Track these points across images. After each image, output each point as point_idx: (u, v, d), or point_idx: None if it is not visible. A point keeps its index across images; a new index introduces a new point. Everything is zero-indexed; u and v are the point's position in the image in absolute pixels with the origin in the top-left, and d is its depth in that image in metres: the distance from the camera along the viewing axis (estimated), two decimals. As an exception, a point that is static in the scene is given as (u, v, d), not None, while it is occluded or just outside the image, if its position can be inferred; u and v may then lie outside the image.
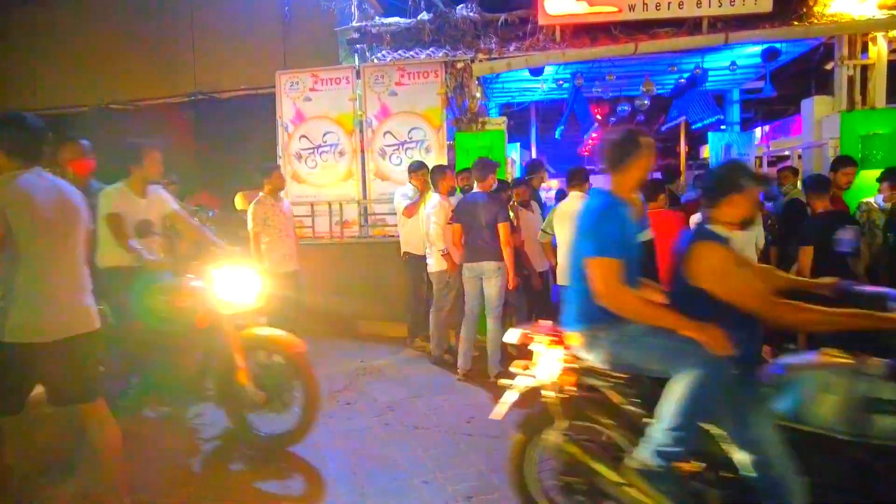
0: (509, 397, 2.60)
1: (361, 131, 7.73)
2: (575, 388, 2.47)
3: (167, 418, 3.92)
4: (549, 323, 2.69)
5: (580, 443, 2.49)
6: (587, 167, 5.89)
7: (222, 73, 9.60)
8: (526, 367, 2.59)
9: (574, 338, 2.50)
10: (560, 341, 2.55)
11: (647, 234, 3.49)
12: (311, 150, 7.89)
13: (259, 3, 9.20)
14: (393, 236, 6.73)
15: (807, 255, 4.33)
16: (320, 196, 7.78)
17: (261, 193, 5.48)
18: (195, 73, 9.74)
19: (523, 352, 2.66)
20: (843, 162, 5.36)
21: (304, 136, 7.90)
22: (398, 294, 6.45)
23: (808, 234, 4.45)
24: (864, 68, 6.71)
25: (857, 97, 6.73)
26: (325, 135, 7.85)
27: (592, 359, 2.47)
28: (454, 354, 5.56)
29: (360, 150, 7.75)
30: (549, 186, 11.73)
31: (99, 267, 3.64)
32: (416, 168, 5.97)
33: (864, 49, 6.67)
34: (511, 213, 5.41)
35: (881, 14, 6.50)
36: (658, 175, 8.04)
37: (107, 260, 3.71)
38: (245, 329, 3.56)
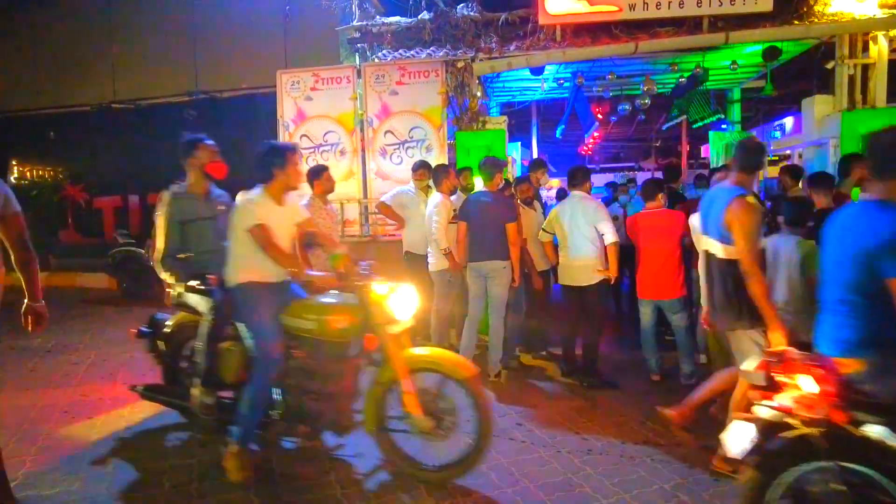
0: (748, 431, 2.20)
1: (362, 130, 7.74)
2: (845, 425, 2.09)
3: (309, 450, 3.57)
4: (795, 351, 2.31)
5: (850, 485, 2.07)
6: (588, 167, 5.89)
7: (223, 72, 9.64)
8: (767, 397, 2.22)
9: (850, 365, 2.18)
10: (822, 370, 2.16)
11: None
12: (312, 150, 7.90)
13: (260, 3, 9.23)
14: (392, 235, 6.74)
15: None
16: (321, 195, 7.80)
17: (309, 195, 5.12)
18: (196, 72, 9.77)
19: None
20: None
21: (304, 136, 7.91)
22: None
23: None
24: (865, 67, 6.72)
25: (858, 96, 6.74)
26: (325, 134, 7.87)
27: (878, 391, 2.12)
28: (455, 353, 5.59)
29: (361, 150, 7.77)
30: (550, 186, 11.72)
31: (231, 284, 3.34)
32: (417, 167, 5.98)
33: (865, 48, 6.67)
34: None
35: (882, 13, 6.50)
36: (658, 174, 8.04)
37: (243, 275, 3.30)
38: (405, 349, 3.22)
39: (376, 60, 7.89)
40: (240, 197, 3.43)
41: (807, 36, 6.85)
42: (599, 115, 10.86)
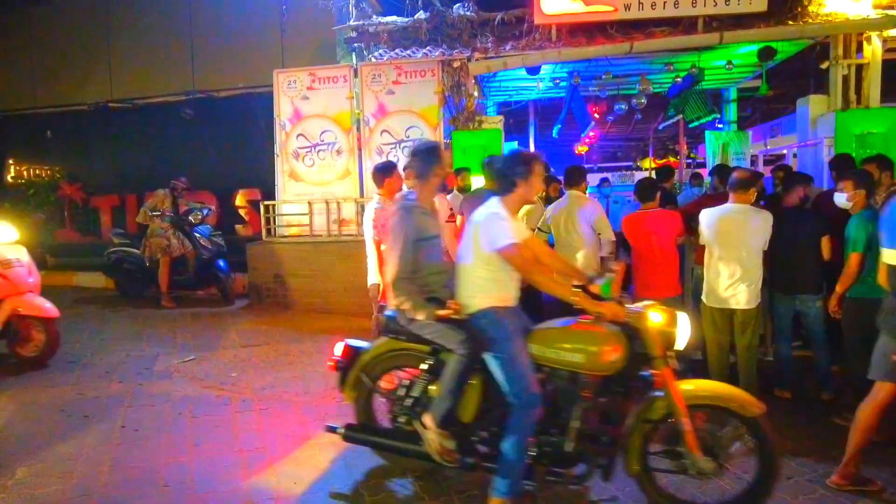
0: None
1: (359, 130, 7.76)
2: None
3: (571, 495, 3.19)
4: None
5: None
6: (586, 166, 5.92)
7: (220, 71, 9.64)
8: None
9: None
10: None
11: None
12: (309, 149, 7.92)
13: (257, 3, 9.23)
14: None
15: None
16: (318, 194, 7.83)
17: (376, 196, 4.78)
18: (193, 71, 9.78)
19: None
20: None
21: (301, 135, 7.93)
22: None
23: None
24: (859, 67, 6.75)
25: (852, 96, 6.77)
26: (322, 133, 7.89)
27: None
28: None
29: (358, 149, 7.79)
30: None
31: (471, 310, 2.95)
32: (406, 166, 5.99)
33: (859, 48, 6.70)
34: None
35: (875, 14, 6.54)
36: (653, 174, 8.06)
37: (485, 300, 2.95)
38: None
39: (373, 60, 7.91)
40: (480, 211, 3.01)
41: (801, 36, 6.88)
42: (596, 115, 10.88)
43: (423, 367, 3.12)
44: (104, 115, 10.21)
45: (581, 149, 15.75)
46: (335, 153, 7.87)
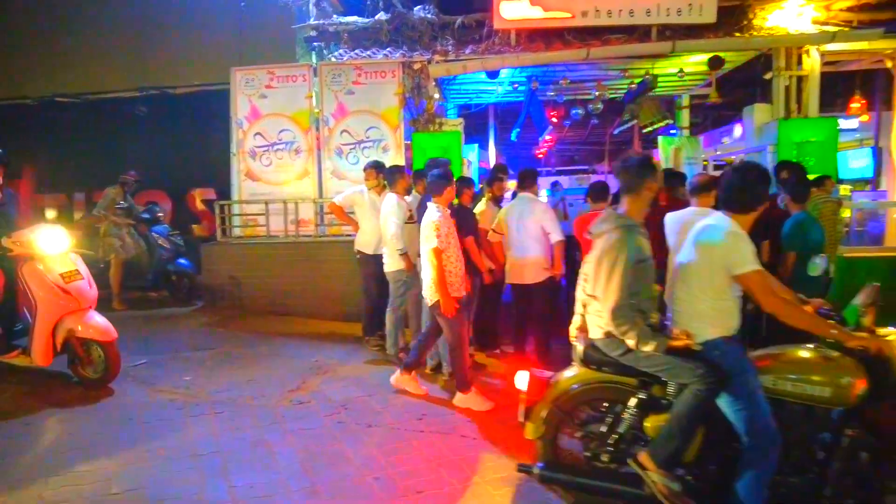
0: None
1: (318, 129, 7.70)
2: None
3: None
4: None
5: None
6: (539, 168, 6.04)
7: (175, 67, 9.41)
8: None
9: None
10: None
11: None
12: (267, 148, 7.81)
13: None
14: (348, 235, 6.73)
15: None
16: (276, 194, 7.72)
17: (436, 205, 4.50)
18: (145, 67, 9.51)
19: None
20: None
21: (259, 134, 7.82)
22: (354, 293, 6.47)
23: None
24: (800, 79, 7.09)
25: (794, 106, 7.10)
26: (280, 132, 7.80)
27: None
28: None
29: (317, 149, 7.73)
30: (507, 188, 11.86)
31: (700, 340, 2.71)
32: (368, 167, 6.00)
33: (800, 61, 7.04)
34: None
35: (814, 29, 6.88)
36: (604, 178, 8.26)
37: (715, 329, 2.73)
38: None
39: (333, 60, 7.86)
40: (705, 229, 2.73)
41: (747, 47, 7.19)
42: (554, 119, 11.08)
43: (633, 401, 2.83)
44: (51, 110, 9.82)
45: (540, 152, 16.00)
46: (293, 153, 7.78)
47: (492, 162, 13.39)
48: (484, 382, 5.03)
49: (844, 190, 10.55)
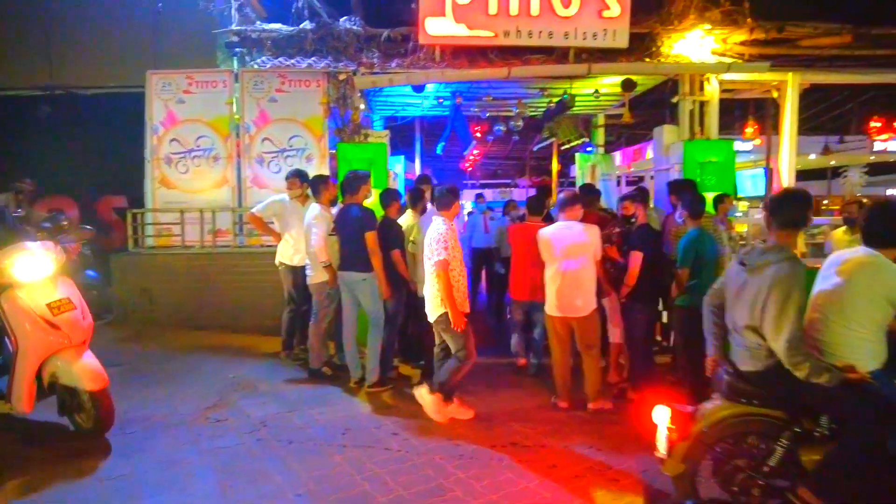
0: None
1: (238, 136, 7.49)
2: None
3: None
4: None
5: None
6: (465, 181, 6.16)
7: (85, 67, 8.88)
8: None
9: None
10: None
11: None
12: (183, 155, 7.51)
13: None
14: (268, 246, 6.57)
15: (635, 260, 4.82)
16: (192, 203, 7.43)
17: (443, 219, 4.46)
18: (51, 65, 8.90)
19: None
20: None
21: (175, 140, 7.51)
22: (274, 306, 6.31)
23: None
24: (702, 104, 7.66)
25: (697, 128, 7.65)
26: (198, 139, 7.53)
27: None
28: (333, 367, 5.55)
29: (237, 156, 7.51)
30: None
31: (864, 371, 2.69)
32: (290, 175, 5.92)
33: (702, 87, 7.61)
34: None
35: (713, 59, 7.48)
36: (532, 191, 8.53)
37: (874, 363, 2.75)
38: None
39: (255, 67, 7.67)
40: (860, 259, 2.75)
41: (655, 72, 7.69)
42: (478, 134, 11.33)
43: (786, 434, 2.78)
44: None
45: (466, 165, 16.31)
46: (212, 160, 7.52)
47: (418, 174, 13.50)
48: (408, 394, 5.05)
49: (742, 206, 11.49)
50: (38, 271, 3.83)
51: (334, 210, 5.49)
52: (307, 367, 5.53)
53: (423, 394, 4.44)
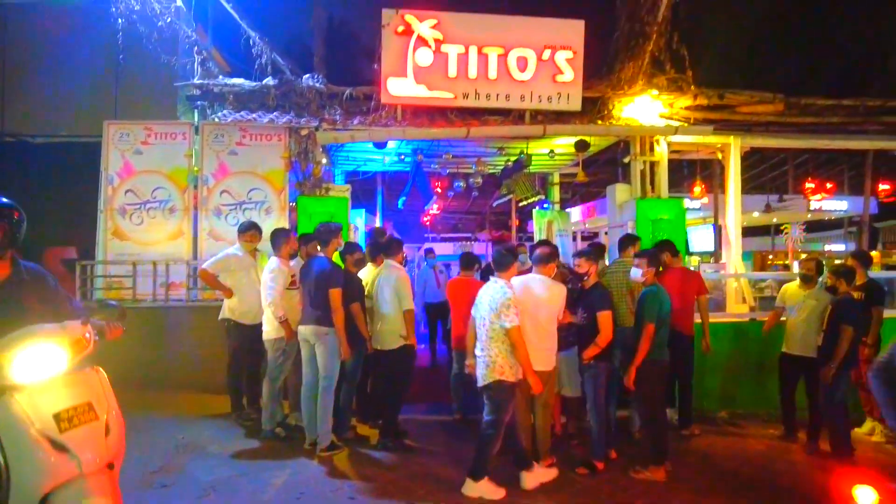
0: None
1: (196, 188, 7.41)
2: None
3: None
4: None
5: None
6: (425, 235, 6.24)
7: (37, 115, 8.74)
8: None
9: None
10: None
11: None
12: (138, 206, 7.37)
13: (89, 48, 8.61)
14: (223, 300, 6.40)
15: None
16: (145, 255, 7.23)
17: (505, 282, 4.33)
18: (3, 112, 8.73)
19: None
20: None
21: (130, 191, 7.38)
22: (225, 364, 6.09)
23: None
24: (652, 164, 8.04)
25: (648, 187, 7.99)
26: (154, 190, 7.41)
27: None
28: (286, 428, 5.34)
29: (194, 208, 7.41)
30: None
31: None
32: (245, 228, 5.86)
33: (652, 148, 8.01)
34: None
35: (661, 122, 7.92)
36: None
37: None
38: None
39: (216, 120, 7.69)
40: None
41: (607, 134, 8.08)
42: (438, 190, 11.55)
43: None
44: None
45: (426, 219, 16.50)
46: (167, 211, 7.39)
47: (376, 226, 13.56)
48: (365, 455, 4.91)
49: (694, 261, 11.91)
50: (46, 368, 2.47)
51: (293, 263, 5.44)
52: (259, 429, 5.30)
53: (482, 485, 4.10)
